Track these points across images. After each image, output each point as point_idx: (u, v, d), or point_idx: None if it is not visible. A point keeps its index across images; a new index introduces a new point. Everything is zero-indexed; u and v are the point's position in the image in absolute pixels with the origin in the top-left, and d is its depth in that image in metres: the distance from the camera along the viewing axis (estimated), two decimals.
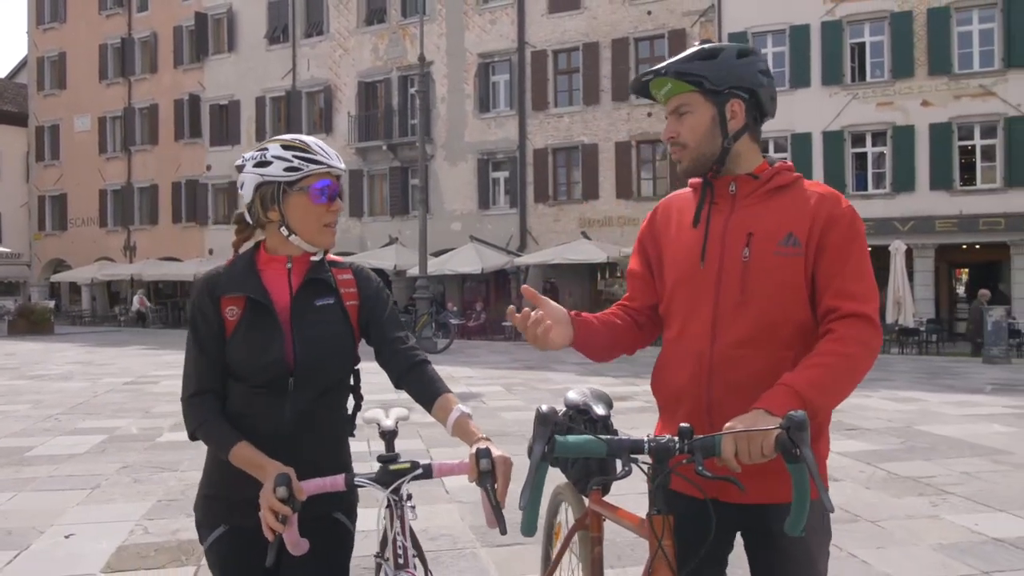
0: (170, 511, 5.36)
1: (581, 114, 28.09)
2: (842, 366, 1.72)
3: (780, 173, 1.94)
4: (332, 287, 2.00)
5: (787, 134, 24.49)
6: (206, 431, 1.87)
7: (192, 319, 1.95)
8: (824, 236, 1.84)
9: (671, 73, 1.91)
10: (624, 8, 27.23)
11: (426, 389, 1.96)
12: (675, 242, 2.00)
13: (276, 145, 1.92)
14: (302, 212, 1.92)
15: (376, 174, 32.15)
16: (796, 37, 24.66)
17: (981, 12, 22.82)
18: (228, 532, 1.93)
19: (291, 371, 1.89)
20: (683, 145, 1.94)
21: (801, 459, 1.49)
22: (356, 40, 32.48)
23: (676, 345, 1.97)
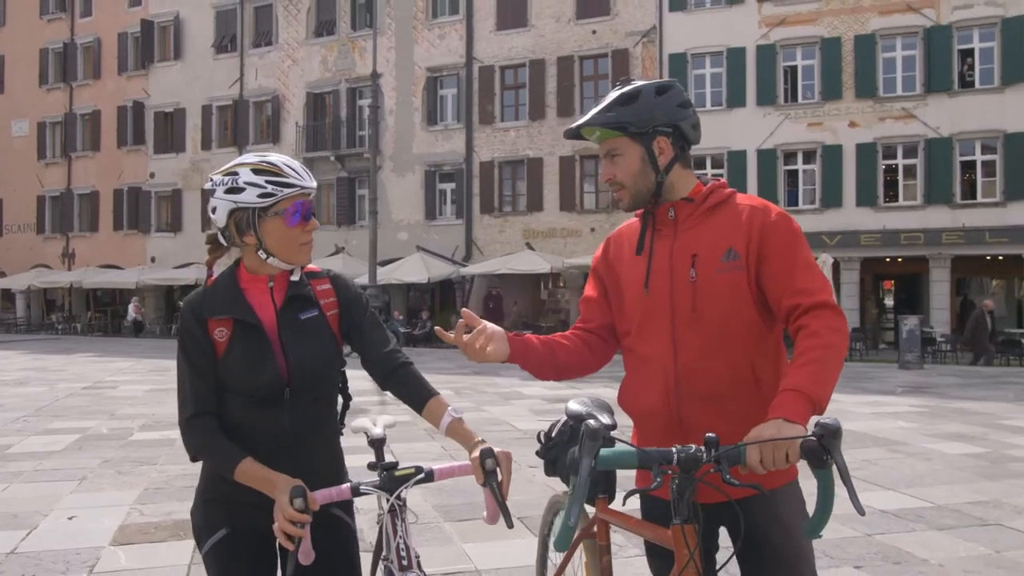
0: (159, 497, 5.81)
1: (527, 128, 28.85)
2: (829, 356, 1.81)
3: (714, 192, 2.06)
4: (314, 300, 2.04)
5: (724, 151, 25.63)
6: (208, 452, 1.91)
7: (182, 342, 1.96)
8: (763, 246, 1.96)
9: (596, 124, 2.03)
10: (570, 27, 28.12)
11: (414, 392, 2.02)
12: (628, 270, 2.12)
13: (246, 170, 1.91)
14: (278, 235, 1.93)
15: (323, 184, 32.30)
16: (733, 59, 25.85)
17: (904, 40, 24.29)
18: (231, 534, 1.95)
19: (286, 384, 1.94)
20: (621, 185, 2.06)
21: (828, 465, 1.57)
22: (305, 51, 32.73)
23: (641, 365, 2.07)
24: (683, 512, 1.67)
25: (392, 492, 1.98)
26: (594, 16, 27.73)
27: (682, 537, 1.66)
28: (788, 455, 1.64)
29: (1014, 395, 12.74)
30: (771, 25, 25.44)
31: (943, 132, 23.52)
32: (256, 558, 1.96)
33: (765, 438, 1.64)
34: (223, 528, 1.95)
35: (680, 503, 1.67)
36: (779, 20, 25.34)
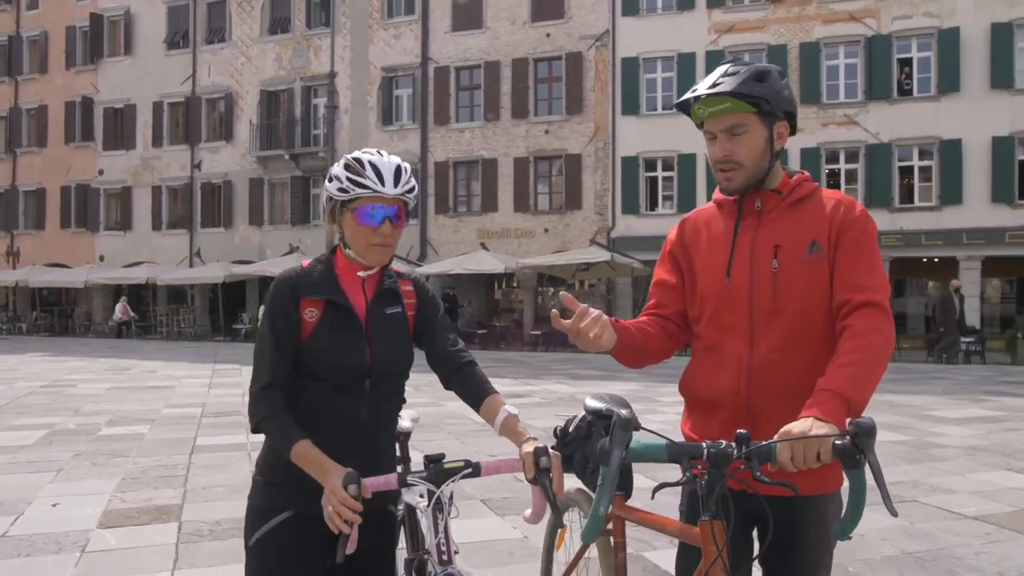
0: (138, 486, 6.02)
1: (481, 130, 29.16)
2: (869, 359, 1.78)
3: (800, 185, 2.02)
4: (399, 297, 2.13)
5: (674, 154, 26.26)
6: (272, 424, 1.92)
7: (271, 316, 1.99)
8: (840, 237, 1.94)
9: (730, 93, 1.93)
10: (524, 30, 28.51)
11: (474, 390, 2.08)
12: (706, 256, 2.08)
13: (342, 164, 2.01)
14: (351, 230, 2.01)
15: (277, 183, 32.29)
16: (683, 64, 26.51)
17: (847, 48, 25.19)
18: (295, 517, 1.97)
19: (368, 372, 2.01)
20: (738, 164, 1.97)
21: (860, 465, 1.54)
22: (259, 48, 32.58)
23: (712, 353, 2.05)
24: (712, 508, 1.63)
25: (439, 485, 1.97)
26: (548, 19, 28.17)
27: (711, 533, 1.62)
28: (820, 454, 1.60)
29: (942, 388, 13.48)
30: (720, 31, 26.15)
31: (883, 138, 24.46)
32: (315, 542, 1.97)
33: (795, 436, 1.62)
34: (287, 510, 1.97)
35: (709, 499, 1.63)
36: (728, 27, 26.07)
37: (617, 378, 15.04)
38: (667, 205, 26.72)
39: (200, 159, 33.48)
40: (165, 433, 8.43)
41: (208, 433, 8.41)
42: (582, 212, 27.58)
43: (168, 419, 9.40)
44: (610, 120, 27.22)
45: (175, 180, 33.74)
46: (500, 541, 4.66)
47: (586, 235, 27.22)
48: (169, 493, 5.81)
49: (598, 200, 27.45)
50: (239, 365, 17.21)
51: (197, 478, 6.29)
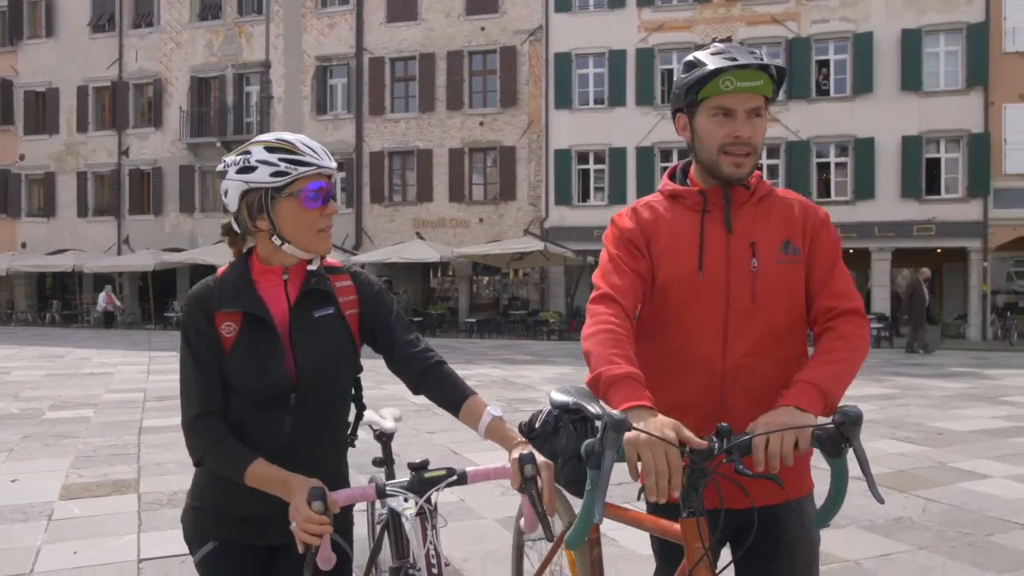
0: (92, 463, 6.29)
1: (417, 120, 29.40)
2: (851, 360, 1.79)
3: (761, 183, 1.94)
4: (331, 296, 1.90)
5: (606, 148, 27.01)
6: (216, 454, 1.77)
7: (186, 337, 1.83)
8: (814, 242, 1.90)
9: (768, 71, 1.81)
10: (459, 23, 28.83)
11: (450, 393, 1.88)
12: (667, 249, 1.92)
13: (259, 147, 1.79)
14: (294, 219, 1.80)
15: (208, 170, 31.89)
16: (614, 60, 27.22)
17: (768, 49, 26.18)
18: (218, 548, 1.84)
19: (293, 387, 1.81)
20: (754, 148, 1.86)
21: (843, 453, 1.51)
22: (189, 34, 32.11)
23: (675, 356, 1.91)
24: (693, 505, 1.57)
25: (422, 495, 1.85)
26: (483, 13, 28.54)
27: (695, 530, 1.57)
28: (798, 442, 1.57)
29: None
30: (649, 30, 26.93)
31: (802, 135, 25.63)
32: (244, 573, 1.86)
33: (775, 425, 1.58)
34: (211, 541, 1.84)
35: (691, 496, 1.57)
36: (657, 25, 26.87)
37: (548, 362, 15.66)
38: (598, 197, 27.46)
39: (128, 145, 32.85)
40: (111, 416, 8.63)
41: (153, 416, 8.65)
42: (516, 203, 28.11)
43: (111, 403, 9.57)
44: (543, 113, 27.78)
45: (102, 166, 33.03)
46: None
47: (520, 225, 27.77)
48: (124, 469, 6.10)
49: (532, 191, 28.01)
50: (175, 352, 17.20)
51: (149, 456, 6.59)
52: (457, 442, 7.17)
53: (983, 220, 24.08)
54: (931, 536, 4.59)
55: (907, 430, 8.04)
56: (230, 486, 1.76)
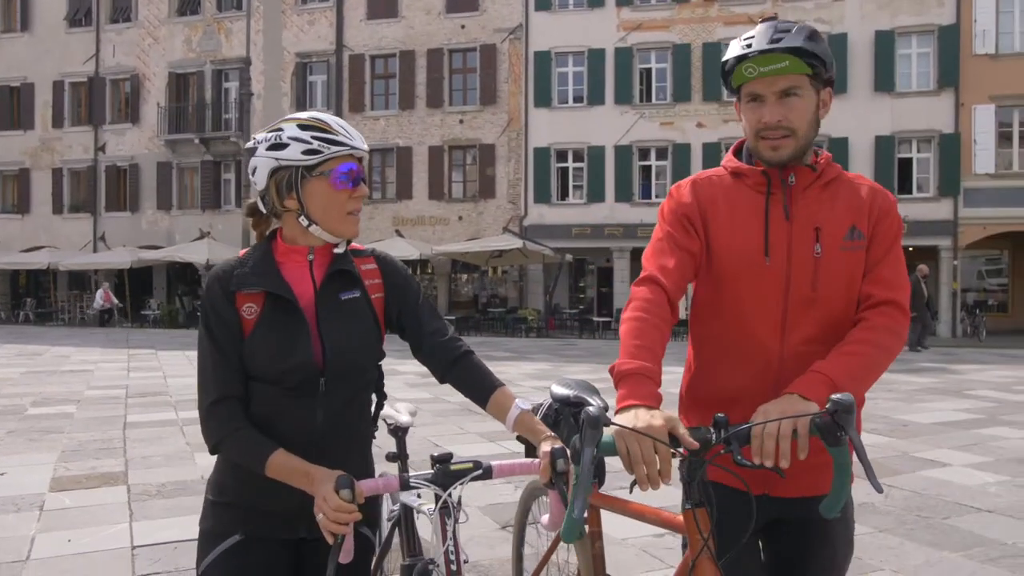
0: (79, 457, 6.38)
1: (396, 118, 29.47)
2: (874, 355, 1.70)
3: (829, 165, 1.85)
4: (357, 279, 1.85)
5: (584, 146, 27.22)
6: (234, 443, 1.70)
7: (205, 319, 1.77)
8: (877, 227, 1.82)
9: (793, 51, 1.73)
10: (440, 20, 28.92)
11: (478, 383, 1.85)
12: (728, 231, 1.83)
13: (292, 125, 1.75)
14: (323, 199, 1.75)
15: (186, 167, 31.81)
16: (593, 59, 27.44)
17: None
18: (244, 541, 1.77)
19: (321, 371, 1.75)
20: (791, 131, 1.78)
21: (842, 442, 1.47)
22: (167, 29, 31.95)
23: (732, 343, 1.85)
24: (694, 496, 1.55)
25: (446, 488, 1.80)
26: (463, 11, 28.66)
27: (694, 522, 1.54)
28: (796, 430, 1.52)
29: None
30: (628, 29, 27.18)
31: None
32: (269, 569, 1.79)
33: (773, 414, 1.54)
34: (236, 534, 1.77)
35: (691, 486, 1.54)
36: (636, 25, 27.12)
37: (527, 359, 15.84)
38: (577, 195, 27.67)
39: (104, 141, 32.64)
40: (94, 412, 8.69)
41: (137, 412, 8.71)
42: (495, 201, 28.27)
43: (94, 400, 9.62)
44: (523, 112, 27.95)
45: (77, 162, 32.78)
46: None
47: (499, 223, 27.94)
48: (111, 462, 6.20)
49: (511, 189, 28.18)
50: (154, 350, 17.26)
51: (135, 449, 6.68)
52: (439, 435, 7.33)
53: (953, 219, 24.57)
54: (891, 519, 4.81)
55: (874, 422, 8.30)
56: (255, 479, 1.69)
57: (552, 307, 27.03)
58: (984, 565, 4.00)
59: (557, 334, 24.85)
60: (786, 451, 1.52)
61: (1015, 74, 24.21)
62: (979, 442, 7.24)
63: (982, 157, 24.55)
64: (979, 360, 16.36)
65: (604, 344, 20.97)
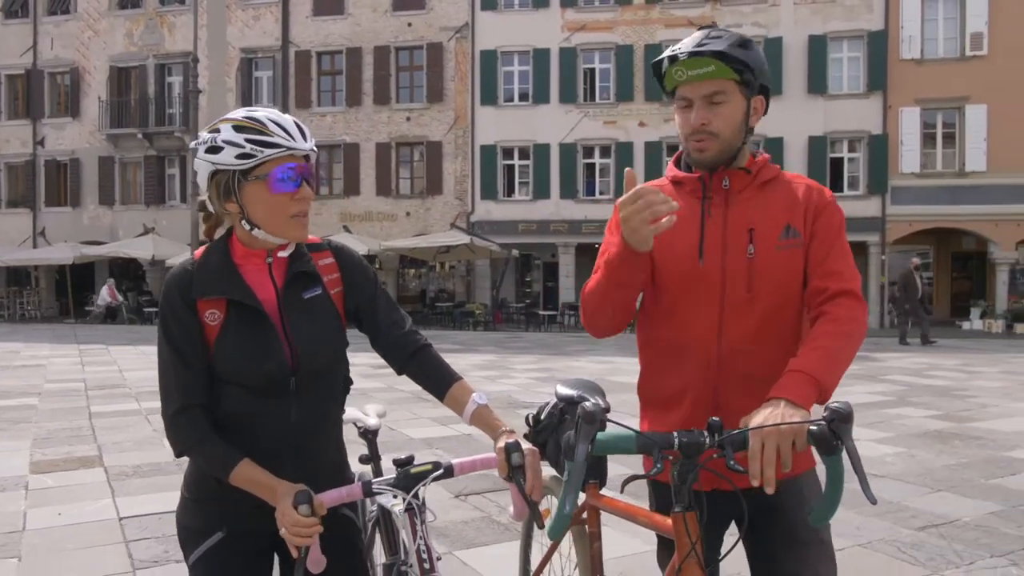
0: (51, 443, 6.67)
1: (344, 115, 29.63)
2: (843, 345, 1.73)
3: (766, 166, 1.91)
4: (317, 277, 1.84)
5: (530, 144, 27.80)
6: (199, 453, 1.71)
7: (164, 326, 1.73)
8: (815, 223, 1.85)
9: (716, 55, 1.78)
10: (386, 18, 29.17)
11: (436, 376, 1.87)
12: (666, 238, 1.81)
13: (227, 126, 1.68)
14: (263, 204, 1.70)
15: (129, 162, 31.47)
16: (538, 59, 28.01)
17: None
18: (228, 537, 1.78)
19: (292, 372, 1.74)
20: (714, 135, 1.83)
21: (837, 451, 1.47)
22: (108, 22, 31.53)
23: (672, 344, 1.91)
24: (684, 499, 1.57)
25: (409, 490, 1.82)
26: (410, 9, 28.95)
27: (683, 526, 1.56)
28: (796, 444, 1.52)
29: None
30: (573, 30, 27.81)
31: None
32: (255, 563, 1.82)
33: (770, 423, 1.53)
34: (219, 531, 1.77)
35: (681, 490, 1.56)
36: (580, 26, 27.77)
37: (474, 351, 16.33)
38: (523, 191, 28.23)
39: (43, 135, 32.08)
40: (57, 404, 8.92)
41: (100, 403, 8.97)
42: (443, 197, 28.67)
43: (54, 392, 9.83)
44: (469, 109, 28.39)
45: (15, 157, 32.15)
46: None
47: (447, 219, 28.34)
48: (84, 448, 6.52)
49: (458, 186, 28.61)
50: (105, 345, 17.30)
51: (105, 436, 7.00)
52: (394, 422, 7.78)
53: (881, 216, 25.79)
54: None
55: None
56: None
57: (499, 301, 27.55)
58: (870, 519, 4.64)
59: (504, 327, 25.39)
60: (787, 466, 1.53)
61: (939, 78, 25.50)
62: (885, 420, 7.98)
63: (908, 157, 25.80)
64: (899, 348, 17.39)
65: (550, 336, 21.57)
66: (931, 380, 11.29)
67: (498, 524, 4.55)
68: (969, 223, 25.06)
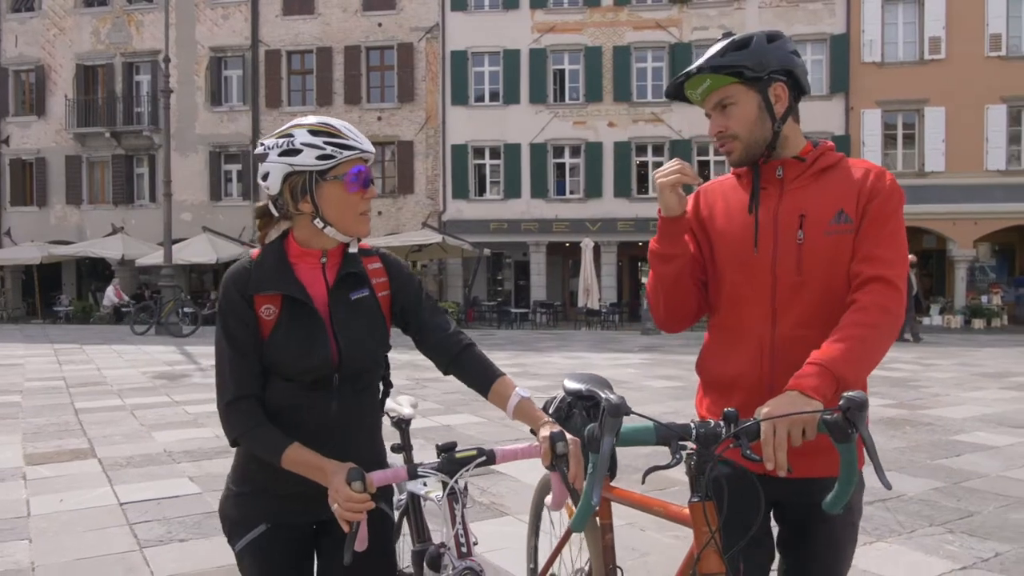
0: (42, 438, 6.85)
1: (314, 114, 29.35)
2: (869, 337, 1.72)
3: (825, 154, 1.93)
4: (366, 279, 1.96)
5: (501, 144, 28.12)
6: (253, 438, 1.81)
7: (223, 320, 1.85)
8: (867, 206, 1.85)
9: (707, 69, 1.89)
10: (356, 18, 29.31)
11: (480, 374, 1.95)
12: (724, 228, 1.97)
13: (303, 131, 1.82)
14: (337, 202, 1.84)
15: (97, 161, 31.27)
16: (508, 59, 28.33)
17: (653, 53, 27.92)
18: (271, 530, 1.87)
19: (336, 368, 1.86)
20: (734, 137, 1.92)
21: (851, 439, 1.49)
22: (74, 20, 31.29)
23: (731, 331, 1.98)
24: (702, 489, 1.60)
25: (452, 475, 1.89)
26: (380, 9, 29.11)
27: (702, 515, 1.60)
28: (806, 432, 1.57)
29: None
30: (542, 31, 28.17)
31: (684, 135, 27.41)
32: (296, 554, 1.90)
33: (779, 413, 1.57)
34: (262, 524, 1.87)
35: (699, 480, 1.60)
36: (549, 27, 28.13)
37: None
38: (494, 191, 28.54)
39: (8, 134, 31.76)
40: (41, 401, 9.06)
41: (84, 400, 9.12)
42: (414, 196, 28.88)
43: (36, 390, 9.95)
44: (440, 109, 28.63)
45: None
46: None
47: (418, 218, 28.57)
48: (75, 441, 6.71)
49: (429, 185, 28.84)
50: (78, 344, 17.31)
51: (94, 430, 7.18)
52: None
53: None
54: None
55: None
56: (276, 467, 1.79)
57: (471, 299, 27.83)
58: None
59: (476, 325, 25.67)
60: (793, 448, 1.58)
61: (899, 81, 26.24)
62: None
63: (870, 157, 26.40)
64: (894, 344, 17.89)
65: (522, 334, 21.89)
66: (889, 372, 11.78)
67: (479, 504, 4.84)
68: (929, 222, 25.78)
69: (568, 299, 29.53)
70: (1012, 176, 25.75)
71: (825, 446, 1.59)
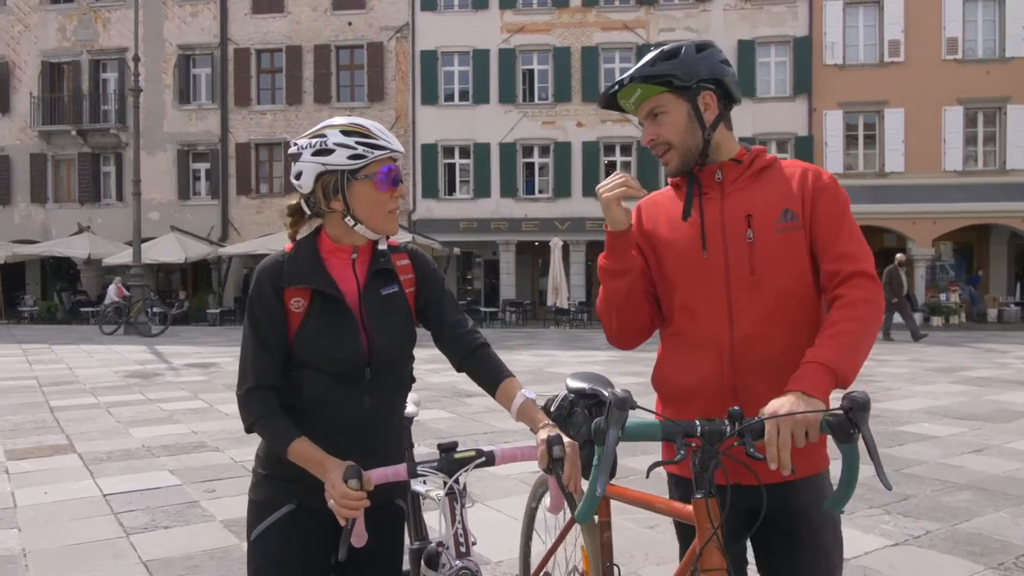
0: (20, 435, 6.98)
1: (284, 113, 29.69)
2: (859, 330, 1.75)
3: (759, 156, 1.98)
4: (395, 275, 1.99)
5: (470, 143, 28.34)
6: (265, 426, 1.86)
7: (251, 310, 1.89)
8: (815, 207, 1.89)
9: (637, 79, 1.93)
10: (326, 17, 29.35)
11: (489, 373, 1.99)
12: (670, 237, 1.99)
13: (335, 131, 1.87)
14: (368, 200, 1.89)
15: (62, 159, 30.98)
16: (478, 59, 28.56)
17: (621, 53, 28.30)
18: (296, 510, 1.91)
19: (368, 362, 1.90)
20: (667, 144, 1.96)
21: (853, 439, 1.51)
22: (39, 17, 30.97)
23: (686, 337, 1.97)
24: (705, 486, 1.63)
25: (451, 475, 1.92)
26: (350, 8, 29.18)
27: (705, 511, 1.62)
28: (809, 433, 1.58)
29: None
30: (511, 31, 28.43)
31: None
32: (318, 536, 1.94)
33: (783, 412, 1.59)
34: (289, 503, 1.92)
35: (703, 477, 1.62)
36: (518, 27, 28.40)
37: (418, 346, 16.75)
38: (464, 190, 28.76)
39: None
40: (15, 399, 9.16)
41: (58, 398, 9.23)
42: None
43: (8, 389, 10.03)
44: (410, 109, 28.79)
45: None
46: None
47: None
48: (53, 438, 6.85)
49: None
50: (48, 344, 17.26)
51: (71, 427, 7.33)
52: None
53: None
54: None
55: None
56: None
57: None
58: None
59: None
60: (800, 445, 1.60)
61: (860, 82, 26.85)
62: None
63: (832, 158, 27.07)
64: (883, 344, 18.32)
65: (492, 332, 22.14)
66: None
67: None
68: (889, 221, 26.42)
69: (537, 298, 29.84)
70: (969, 176, 26.48)
71: (805, 448, 1.63)
